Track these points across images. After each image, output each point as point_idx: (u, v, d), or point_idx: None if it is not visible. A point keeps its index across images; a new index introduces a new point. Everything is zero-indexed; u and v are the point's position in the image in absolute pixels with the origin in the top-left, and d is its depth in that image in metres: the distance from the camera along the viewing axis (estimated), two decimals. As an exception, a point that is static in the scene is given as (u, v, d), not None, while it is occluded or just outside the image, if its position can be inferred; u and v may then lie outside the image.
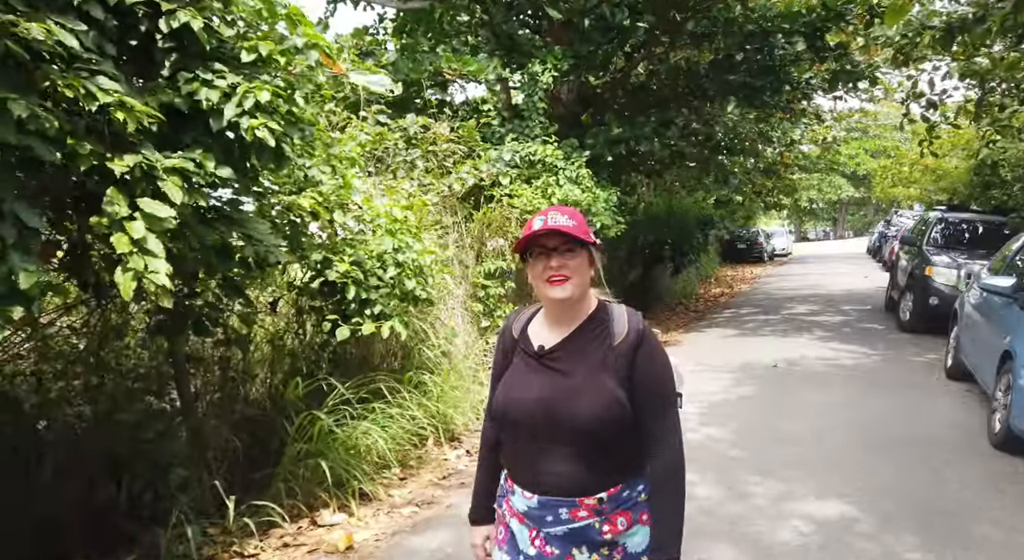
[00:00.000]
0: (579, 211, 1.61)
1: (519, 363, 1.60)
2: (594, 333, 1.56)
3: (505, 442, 1.62)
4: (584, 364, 1.52)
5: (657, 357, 1.55)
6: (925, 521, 3.43)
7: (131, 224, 2.24)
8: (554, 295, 1.49)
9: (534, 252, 1.52)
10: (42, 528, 3.11)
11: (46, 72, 2.06)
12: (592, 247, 1.54)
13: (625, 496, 1.53)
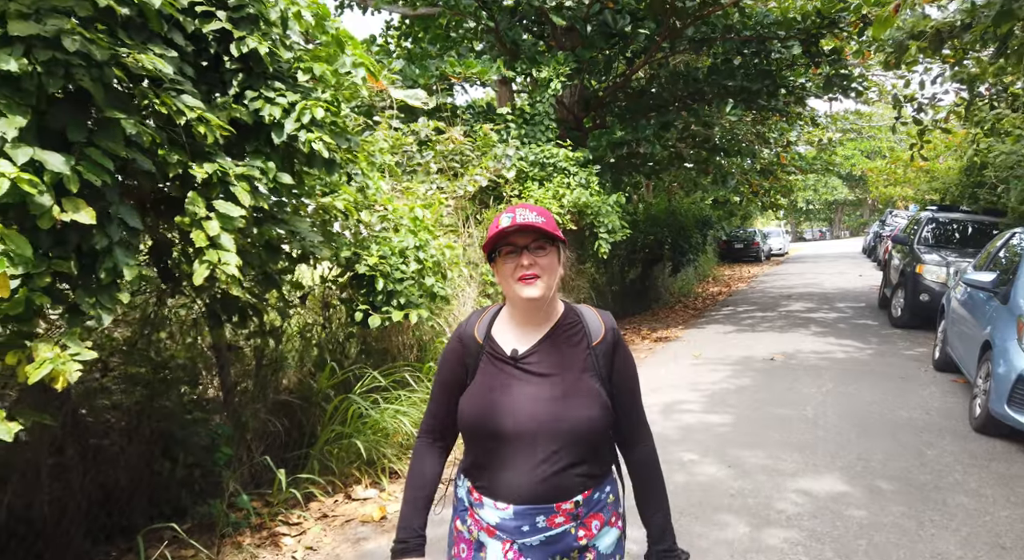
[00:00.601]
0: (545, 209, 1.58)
1: (490, 369, 1.51)
2: (568, 334, 1.52)
3: (475, 453, 1.53)
4: (565, 366, 1.48)
5: (629, 355, 1.57)
6: (908, 493, 3.77)
7: (208, 223, 2.56)
8: (526, 294, 1.43)
9: (502, 251, 1.46)
10: (110, 500, 3.43)
11: (143, 93, 2.39)
12: (561, 245, 1.49)
13: (596, 498, 1.51)
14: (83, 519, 3.31)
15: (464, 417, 1.50)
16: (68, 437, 3.35)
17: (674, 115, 11.20)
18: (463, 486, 1.58)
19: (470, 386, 1.52)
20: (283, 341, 4.81)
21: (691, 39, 10.39)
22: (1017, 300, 4.94)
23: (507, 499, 1.46)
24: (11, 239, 2.00)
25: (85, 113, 2.25)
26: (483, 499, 1.50)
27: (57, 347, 2.15)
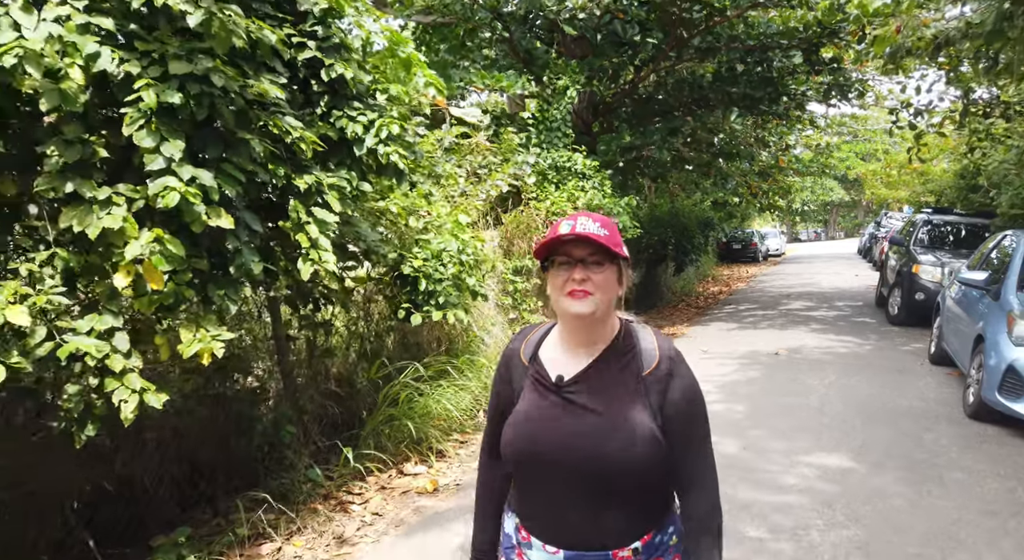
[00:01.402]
0: (611, 220, 1.43)
1: (533, 396, 1.39)
2: (621, 360, 1.37)
3: (519, 488, 1.43)
4: (612, 397, 1.33)
5: (691, 386, 1.38)
6: (907, 469, 4.20)
7: (308, 226, 2.97)
8: (574, 310, 1.30)
9: (556, 261, 1.33)
10: (194, 473, 3.82)
11: (258, 116, 2.79)
12: (623, 262, 1.36)
13: (658, 542, 1.37)
14: (174, 489, 3.71)
15: (505, 447, 1.38)
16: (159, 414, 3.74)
17: (680, 121, 11.63)
18: (511, 521, 1.46)
19: (513, 412, 1.40)
20: (332, 333, 5.22)
21: (697, 48, 10.82)
22: (1007, 297, 5.37)
23: (556, 543, 1.34)
24: (168, 242, 2.40)
25: (217, 135, 2.65)
26: (531, 539, 1.38)
27: (202, 330, 2.55)
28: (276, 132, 2.81)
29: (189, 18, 2.36)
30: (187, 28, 2.51)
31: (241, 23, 2.54)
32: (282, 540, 3.39)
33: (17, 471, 2.94)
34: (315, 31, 3.18)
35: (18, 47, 2.07)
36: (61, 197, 2.33)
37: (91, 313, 2.46)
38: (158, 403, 2.47)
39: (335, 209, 3.08)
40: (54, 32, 2.17)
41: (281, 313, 4.53)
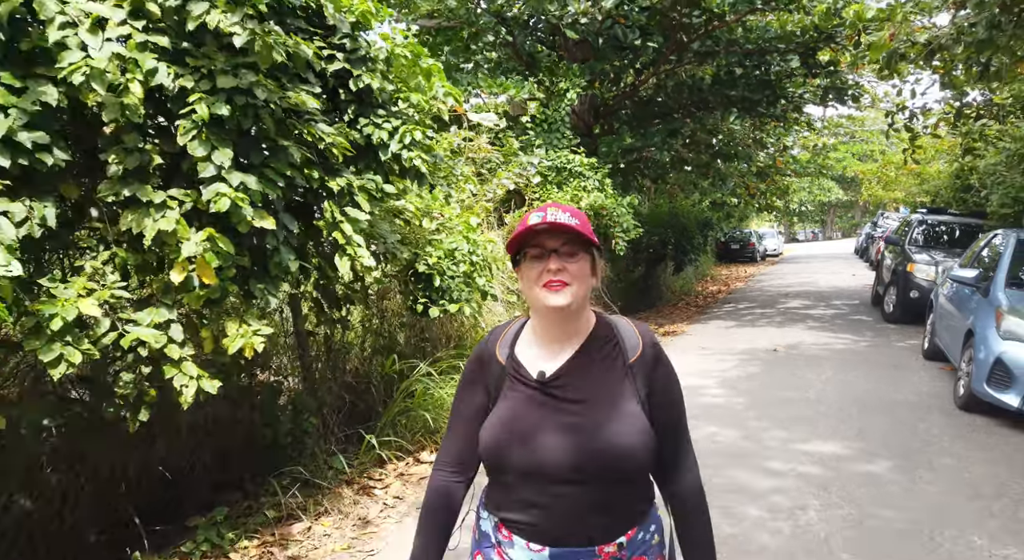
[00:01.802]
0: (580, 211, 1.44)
1: (514, 395, 1.35)
2: (603, 351, 1.36)
3: (500, 488, 1.37)
4: (599, 388, 1.32)
5: (673, 372, 1.40)
6: (900, 455, 4.42)
7: (343, 225, 3.18)
8: (551, 302, 1.27)
9: (528, 253, 1.31)
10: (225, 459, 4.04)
11: (295, 124, 3.01)
12: (596, 251, 1.34)
13: (641, 539, 1.35)
14: (206, 474, 3.92)
15: (487, 450, 1.34)
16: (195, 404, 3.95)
17: (680, 123, 11.86)
18: (488, 520, 1.41)
19: (492, 414, 1.36)
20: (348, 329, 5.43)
21: (696, 52, 11.06)
22: (996, 294, 5.60)
23: (542, 541, 1.31)
24: (219, 240, 2.61)
25: (259, 142, 2.86)
26: (513, 538, 1.34)
27: (244, 324, 2.76)
28: (310, 139, 3.03)
29: (236, 38, 2.57)
30: (231, 44, 2.72)
31: (280, 40, 2.76)
32: (311, 520, 3.60)
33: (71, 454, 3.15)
34: (343, 44, 3.40)
35: (85, 66, 2.29)
36: (121, 200, 2.55)
37: (147, 307, 2.67)
38: (213, 389, 2.69)
39: (365, 209, 3.30)
40: (117, 51, 2.38)
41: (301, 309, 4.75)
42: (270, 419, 4.36)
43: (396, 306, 5.83)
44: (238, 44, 2.58)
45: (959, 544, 3.20)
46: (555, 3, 9.85)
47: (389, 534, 3.53)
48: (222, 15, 2.53)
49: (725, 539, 3.21)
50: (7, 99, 2.28)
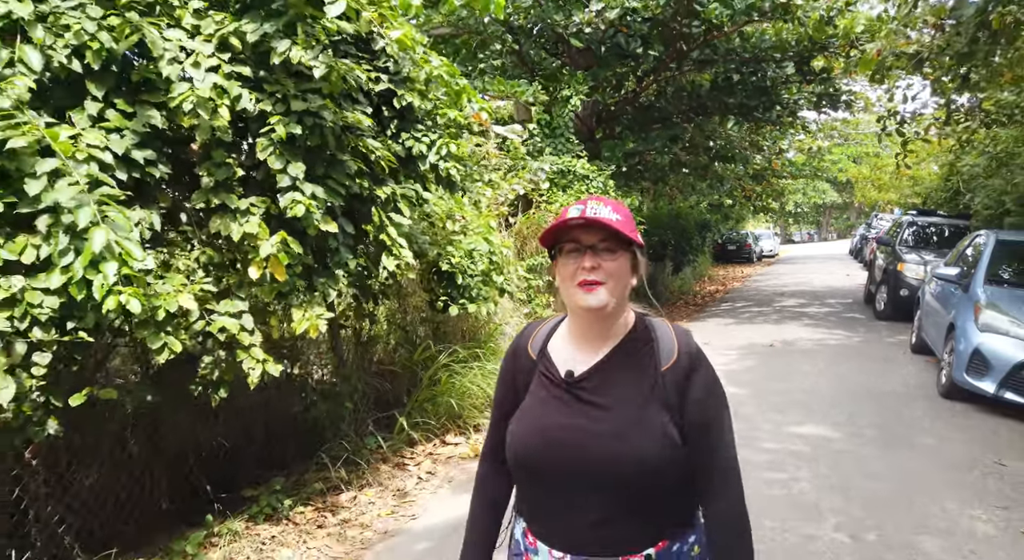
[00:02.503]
0: (624, 204, 1.39)
1: (540, 393, 1.32)
2: (636, 355, 1.30)
3: (524, 491, 1.36)
4: (627, 394, 1.26)
5: (713, 383, 1.31)
6: (884, 437, 4.86)
7: (388, 229, 3.61)
8: (585, 303, 1.23)
9: (564, 248, 1.26)
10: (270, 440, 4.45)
11: (349, 139, 3.43)
12: (638, 249, 1.28)
13: (675, 551, 1.29)
14: (258, 452, 4.34)
15: (509, 448, 1.32)
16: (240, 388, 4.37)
17: (680, 127, 12.30)
18: (519, 526, 1.40)
19: (519, 410, 1.34)
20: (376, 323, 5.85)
21: (696, 60, 11.50)
22: (975, 290, 6.05)
23: (562, 547, 1.27)
24: (291, 242, 3.04)
25: (322, 155, 3.28)
26: (537, 544, 1.32)
27: (309, 311, 3.19)
28: (363, 152, 3.45)
29: (315, 70, 3.00)
30: (300, 72, 3.15)
31: (346, 70, 3.18)
32: (355, 491, 4.02)
33: (148, 428, 3.57)
34: (387, 66, 3.82)
35: (192, 95, 2.71)
36: (211, 207, 2.97)
37: (223, 299, 3.09)
38: (276, 371, 3.11)
39: (406, 214, 3.73)
40: (215, 82, 2.80)
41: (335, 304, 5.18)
42: (311, 404, 4.79)
43: (417, 302, 6.25)
44: (317, 75, 3.00)
45: (932, 507, 3.64)
46: (560, 13, 10.30)
47: (426, 502, 3.95)
48: (302, 51, 2.95)
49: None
50: (122, 122, 2.71)
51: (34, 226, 2.44)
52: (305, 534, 3.47)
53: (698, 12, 9.79)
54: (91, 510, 3.26)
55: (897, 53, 6.17)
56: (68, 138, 2.46)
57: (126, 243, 2.40)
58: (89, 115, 2.67)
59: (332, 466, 4.26)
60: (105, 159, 2.56)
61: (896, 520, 3.50)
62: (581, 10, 10.18)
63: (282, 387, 4.76)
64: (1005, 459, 4.38)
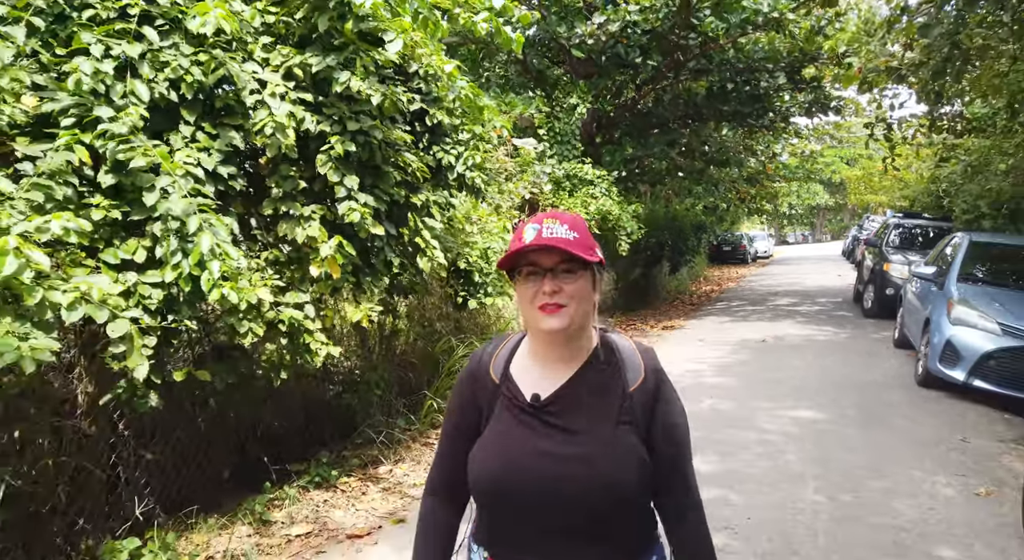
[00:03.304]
0: (579, 217, 1.29)
1: (505, 418, 1.28)
2: (602, 376, 1.28)
3: (489, 520, 1.32)
4: (596, 416, 1.25)
5: (676, 402, 1.31)
6: (864, 419, 5.38)
7: (423, 232, 4.11)
8: (547, 325, 1.20)
9: (522, 272, 1.23)
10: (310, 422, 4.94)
11: (390, 153, 3.93)
12: (597, 267, 1.25)
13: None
14: (300, 431, 4.83)
15: (474, 476, 1.27)
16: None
17: (677, 133, 12.83)
18: (478, 554, 1.36)
19: (482, 437, 1.29)
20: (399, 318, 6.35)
21: (692, 69, 12.04)
22: (949, 287, 6.58)
23: None
24: (346, 245, 3.53)
25: (369, 168, 3.78)
26: None
27: (362, 304, 3.68)
28: (401, 164, 3.95)
29: (373, 98, 3.49)
30: (351, 96, 3.64)
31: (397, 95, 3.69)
32: (391, 465, 4.52)
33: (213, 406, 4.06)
34: (420, 88, 4.32)
35: (272, 120, 3.21)
36: (279, 214, 3.46)
37: (288, 293, 3.58)
38: (336, 353, 3.61)
39: (437, 218, 4.23)
40: (288, 109, 3.30)
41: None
42: (344, 390, 5.28)
43: (435, 299, 6.75)
44: (375, 103, 3.50)
45: (901, 475, 4.15)
46: (564, 25, 10.82)
47: (455, 475, 4.45)
48: (360, 81, 3.45)
49: (725, 473, 4.14)
50: (209, 143, 3.20)
51: (143, 231, 2.94)
52: (352, 499, 3.97)
53: (695, 25, 10.32)
54: (168, 476, 3.75)
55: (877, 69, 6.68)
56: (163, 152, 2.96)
57: (224, 245, 2.90)
58: (183, 137, 3.16)
59: (367, 445, 4.75)
60: (198, 174, 3.06)
61: (869, 485, 4.01)
62: (583, 22, 10.71)
63: (318, 375, 5.26)
64: (969, 437, 4.91)
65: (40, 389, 3.16)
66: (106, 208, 2.85)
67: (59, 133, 2.82)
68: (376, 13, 3.51)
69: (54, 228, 2.49)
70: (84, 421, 3.31)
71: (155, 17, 3.15)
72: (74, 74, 2.83)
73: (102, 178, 2.87)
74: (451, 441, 1.37)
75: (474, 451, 1.29)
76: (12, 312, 2.41)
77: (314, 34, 3.56)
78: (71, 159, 2.78)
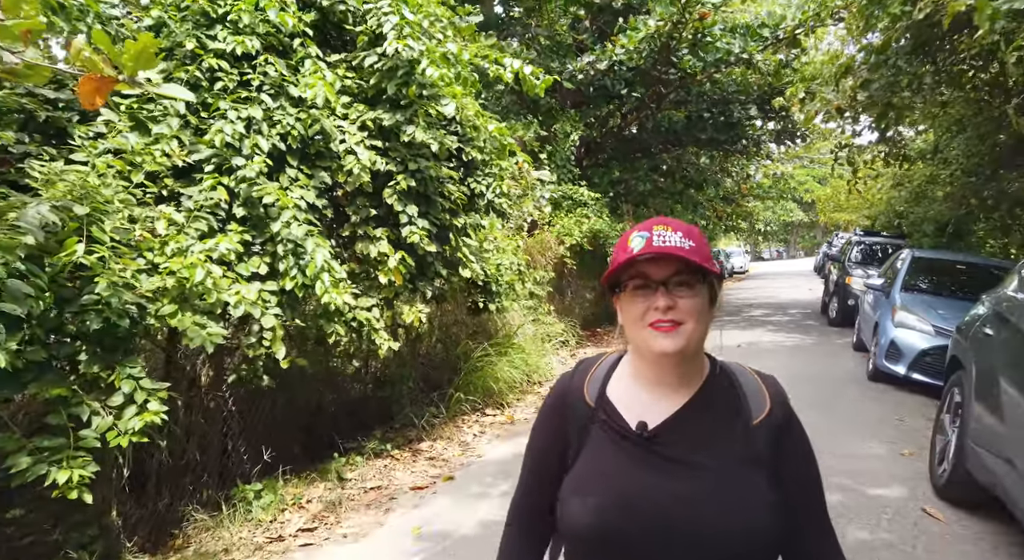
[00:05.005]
0: (695, 227, 1.10)
1: (605, 448, 1.10)
2: (719, 404, 1.11)
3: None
4: (718, 451, 1.07)
5: (807, 441, 1.16)
6: (821, 406, 6.40)
7: (462, 248, 5.08)
8: (660, 347, 1.03)
9: (628, 285, 1.07)
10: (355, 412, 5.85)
11: (438, 185, 4.91)
12: (716, 279, 1.09)
13: None
14: (349, 417, 5.74)
15: (572, 519, 1.07)
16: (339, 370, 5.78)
17: (660, 158, 13.97)
18: None
19: (575, 469, 1.12)
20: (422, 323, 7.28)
21: (672, 100, 13.20)
22: (894, 295, 7.68)
23: None
24: (406, 257, 4.49)
25: (422, 197, 4.75)
26: None
27: (415, 307, 4.64)
28: (446, 194, 4.93)
29: (432, 146, 4.47)
30: (410, 142, 4.62)
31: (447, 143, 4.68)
32: (430, 443, 5.44)
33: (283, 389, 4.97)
34: (456, 131, 5.31)
35: (358, 164, 4.17)
36: (355, 235, 4.42)
37: (360, 298, 4.52)
38: (396, 347, 4.55)
39: (473, 237, 5.21)
40: (370, 155, 4.27)
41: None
42: (381, 384, 6.21)
43: (451, 306, 7.69)
44: (434, 150, 4.48)
45: (847, 444, 5.17)
46: (557, 61, 11.91)
47: (484, 448, 5.39)
48: (422, 133, 4.43)
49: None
50: (306, 182, 4.15)
51: (264, 250, 3.88)
52: (406, 464, 4.90)
53: (675, 63, 11.47)
54: (256, 447, 4.64)
55: (830, 111, 7.80)
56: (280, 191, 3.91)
57: (330, 261, 3.85)
58: (289, 178, 4.11)
59: (405, 428, 5.67)
60: (302, 206, 4.01)
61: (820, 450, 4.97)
62: (575, 59, 11.81)
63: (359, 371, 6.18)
64: (904, 418, 5.96)
65: (177, 371, 4.07)
66: (239, 233, 3.78)
67: (202, 176, 3.77)
68: (435, 81, 4.49)
69: (221, 248, 3.43)
70: (207, 398, 4.21)
71: (266, 85, 4.12)
72: (217, 134, 3.78)
73: (236, 210, 3.81)
74: (534, 476, 1.23)
75: (568, 490, 1.11)
76: (191, 308, 3.34)
77: (383, 95, 4.55)
78: (213, 197, 3.73)
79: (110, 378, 3.07)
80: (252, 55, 4.10)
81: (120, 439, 2.94)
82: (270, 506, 3.98)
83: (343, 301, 4.11)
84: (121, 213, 3.32)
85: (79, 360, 3.05)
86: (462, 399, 6.39)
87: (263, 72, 4.11)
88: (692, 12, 10.16)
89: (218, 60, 4.01)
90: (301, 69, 4.30)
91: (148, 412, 3.04)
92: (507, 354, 7.34)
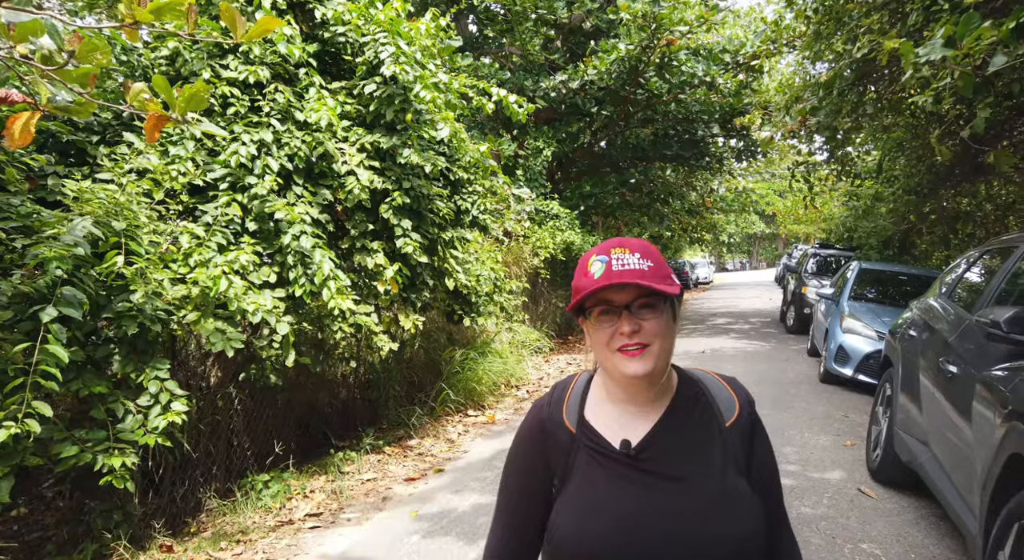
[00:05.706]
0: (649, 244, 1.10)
1: (593, 471, 1.10)
2: (693, 413, 1.14)
3: None
4: (699, 460, 1.09)
5: (767, 435, 1.19)
6: (775, 404, 6.97)
7: (449, 260, 5.52)
8: (631, 370, 1.05)
9: (593, 312, 1.07)
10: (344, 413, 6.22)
11: (428, 201, 5.36)
12: (676, 298, 1.09)
13: None
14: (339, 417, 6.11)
15: (567, 543, 1.06)
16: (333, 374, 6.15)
17: (628, 173, 14.61)
18: None
19: (564, 495, 1.11)
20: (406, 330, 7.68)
21: (640, 119, 13.87)
22: (842, 303, 8.33)
23: None
24: (403, 269, 4.92)
25: (414, 212, 5.18)
26: None
27: (411, 315, 5.06)
28: (435, 210, 5.38)
29: (426, 167, 4.91)
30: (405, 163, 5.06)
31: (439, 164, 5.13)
32: (417, 440, 5.85)
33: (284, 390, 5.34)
34: (444, 152, 5.77)
35: (358, 184, 4.60)
36: (353, 247, 4.84)
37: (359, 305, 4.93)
38: (394, 348, 4.97)
39: (459, 250, 5.66)
40: (370, 176, 4.70)
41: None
42: (369, 386, 6.60)
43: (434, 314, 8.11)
44: (427, 171, 4.93)
45: (796, 436, 5.73)
46: (530, 80, 12.46)
47: (470, 445, 5.81)
48: (416, 155, 4.88)
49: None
50: (310, 198, 4.57)
51: (273, 260, 4.28)
52: (398, 458, 5.30)
53: (643, 84, 12.11)
54: (259, 443, 5.00)
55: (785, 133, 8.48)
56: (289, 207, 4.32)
57: (335, 270, 4.26)
58: (296, 195, 4.52)
59: (393, 428, 6.07)
60: (307, 220, 4.42)
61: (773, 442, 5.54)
62: (547, 78, 12.37)
63: (350, 375, 6.56)
64: (849, 414, 6.55)
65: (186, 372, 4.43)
66: (252, 244, 4.18)
67: (217, 194, 4.16)
68: (428, 105, 4.95)
69: (241, 260, 3.83)
70: (216, 397, 4.57)
71: (275, 110, 4.53)
72: (232, 155, 4.18)
73: (249, 224, 4.21)
74: (512, 513, 1.19)
75: (561, 518, 1.09)
76: (213, 315, 3.73)
77: (381, 120, 4.99)
78: (228, 212, 4.12)
79: (139, 379, 3.43)
80: (262, 84, 4.51)
81: (147, 438, 3.28)
82: (278, 495, 4.35)
83: (346, 306, 4.52)
84: (148, 228, 3.70)
85: (112, 361, 3.41)
86: (447, 399, 6.80)
87: (272, 99, 4.52)
88: (660, 38, 10.80)
89: (230, 88, 4.42)
90: (306, 96, 4.73)
91: (171, 412, 3.40)
92: (486, 358, 7.78)
